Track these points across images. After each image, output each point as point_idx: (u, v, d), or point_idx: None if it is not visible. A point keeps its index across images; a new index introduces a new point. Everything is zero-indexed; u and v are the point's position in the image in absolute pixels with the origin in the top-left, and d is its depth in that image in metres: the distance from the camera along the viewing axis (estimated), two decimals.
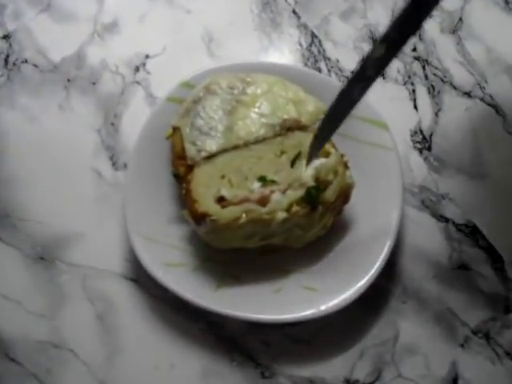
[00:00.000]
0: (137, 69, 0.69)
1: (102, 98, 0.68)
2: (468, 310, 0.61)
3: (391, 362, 0.60)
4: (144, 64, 0.70)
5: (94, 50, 0.70)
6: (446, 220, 0.64)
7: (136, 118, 0.65)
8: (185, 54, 0.70)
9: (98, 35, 0.71)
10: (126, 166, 0.65)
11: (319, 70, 0.70)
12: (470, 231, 0.64)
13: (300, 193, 0.53)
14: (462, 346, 0.60)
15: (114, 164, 0.66)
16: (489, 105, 0.69)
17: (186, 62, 0.69)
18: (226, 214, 0.53)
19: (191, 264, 0.59)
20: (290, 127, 0.58)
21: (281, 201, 0.53)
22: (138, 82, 0.69)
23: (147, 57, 0.70)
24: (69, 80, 0.69)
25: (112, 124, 0.67)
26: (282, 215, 0.53)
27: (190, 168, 0.57)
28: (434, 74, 0.70)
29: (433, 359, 0.60)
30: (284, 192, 0.54)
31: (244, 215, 0.53)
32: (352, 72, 0.47)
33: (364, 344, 0.60)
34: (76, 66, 0.69)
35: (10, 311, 0.61)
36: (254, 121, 0.58)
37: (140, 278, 0.61)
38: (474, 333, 0.61)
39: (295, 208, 0.53)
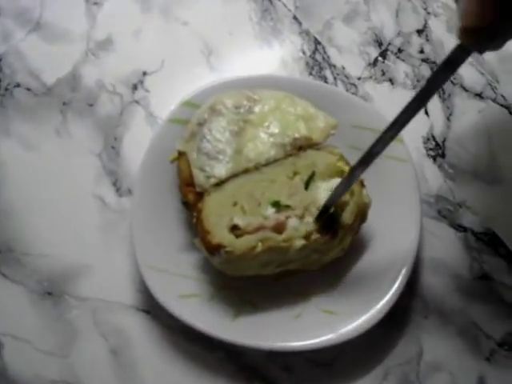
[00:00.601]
0: (135, 87, 0.66)
1: (100, 121, 0.65)
2: (492, 322, 0.60)
3: (416, 381, 0.58)
4: (142, 82, 0.67)
5: (88, 69, 0.67)
6: (465, 229, 0.62)
7: (138, 140, 0.63)
8: (184, 69, 0.67)
9: (92, 54, 0.68)
10: (130, 191, 0.63)
11: (325, 79, 0.67)
12: (490, 239, 0.62)
13: (319, 224, 0.51)
14: (487, 359, 0.59)
15: (117, 190, 0.63)
16: (501, 105, 0.66)
17: (185, 77, 0.67)
18: (241, 244, 0.51)
19: (206, 294, 0.57)
20: (301, 146, 0.56)
21: (298, 227, 0.51)
22: (136, 102, 0.66)
23: (145, 74, 0.67)
24: (64, 103, 0.66)
25: (113, 147, 0.64)
26: (300, 242, 0.51)
27: (200, 195, 0.54)
28: None
29: (459, 375, 0.58)
30: (301, 217, 0.51)
31: (260, 244, 0.51)
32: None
33: (388, 363, 0.58)
34: (71, 88, 0.66)
35: (19, 351, 0.58)
36: (263, 141, 0.56)
37: (153, 308, 0.59)
38: (500, 345, 0.59)
39: (315, 236, 0.51)
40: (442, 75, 0.38)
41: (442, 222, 0.62)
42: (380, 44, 0.68)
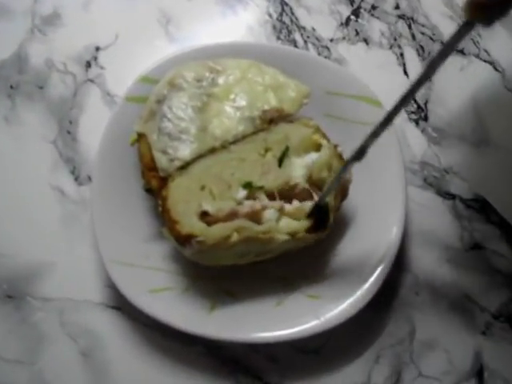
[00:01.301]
0: (88, 64, 0.61)
1: (52, 104, 0.59)
2: (486, 294, 0.56)
3: (410, 362, 0.55)
4: (95, 58, 0.61)
5: (36, 48, 0.61)
6: (453, 197, 0.58)
7: (95, 123, 0.58)
8: (141, 41, 0.61)
9: (39, 30, 0.61)
10: (90, 179, 0.57)
11: (294, 43, 0.62)
12: (480, 206, 0.58)
13: (307, 223, 0.47)
14: (483, 333, 0.56)
15: (76, 178, 0.58)
16: (485, 61, 0.62)
17: (143, 50, 0.61)
18: (213, 232, 0.46)
19: (179, 286, 0.52)
20: (272, 119, 0.51)
21: (277, 220, 0.47)
22: (91, 80, 0.60)
23: (98, 49, 0.61)
24: (12, 87, 0.60)
25: (68, 132, 0.59)
26: (283, 237, 0.47)
27: (164, 180, 0.49)
28: (422, 33, 0.62)
29: (454, 352, 0.55)
30: (280, 210, 0.47)
31: (235, 234, 0.46)
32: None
33: (379, 346, 0.55)
34: (18, 70, 0.60)
35: None
36: (229, 116, 0.51)
37: (123, 305, 0.54)
38: (495, 317, 0.56)
39: (301, 234, 0.47)
40: (443, 57, 0.33)
41: (429, 191, 0.58)
42: (352, 1, 0.63)
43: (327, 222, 0.48)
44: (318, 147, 0.50)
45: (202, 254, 0.48)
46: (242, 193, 0.48)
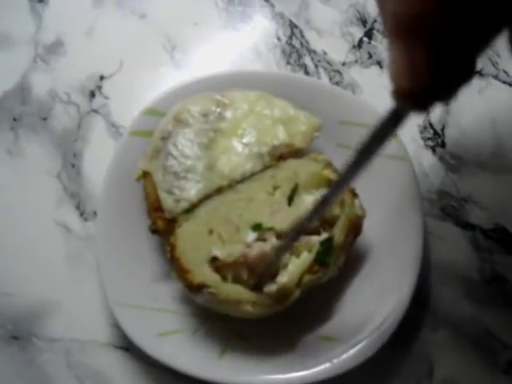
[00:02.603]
0: (92, 94, 0.59)
1: (56, 136, 0.58)
2: (509, 330, 0.54)
3: None
4: (100, 87, 0.59)
5: (38, 78, 0.60)
6: (472, 227, 0.56)
7: (100, 155, 0.57)
8: (146, 69, 0.60)
9: (42, 59, 0.60)
10: (96, 214, 0.56)
11: (305, 67, 0.60)
12: (501, 237, 0.55)
13: (309, 257, 0.45)
14: (506, 372, 0.53)
15: (81, 214, 0.56)
16: (505, 83, 0.59)
17: (148, 78, 0.59)
18: (227, 290, 0.45)
19: (188, 328, 0.50)
20: (281, 155, 0.49)
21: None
22: (95, 111, 0.59)
23: (102, 78, 0.60)
24: (15, 119, 0.59)
25: (72, 166, 0.57)
26: (295, 295, 0.46)
27: (171, 222, 0.48)
28: None
29: None
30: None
31: (249, 307, 0.45)
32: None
33: None
34: (21, 101, 0.59)
35: None
36: (237, 153, 0.49)
37: (132, 345, 0.52)
38: None
39: (307, 278, 0.45)
40: (374, 144, 0.31)
41: (447, 221, 0.56)
42: (364, 22, 0.61)
43: (329, 256, 0.46)
44: (328, 182, 0.48)
45: (214, 303, 0.47)
46: (252, 235, 0.46)
